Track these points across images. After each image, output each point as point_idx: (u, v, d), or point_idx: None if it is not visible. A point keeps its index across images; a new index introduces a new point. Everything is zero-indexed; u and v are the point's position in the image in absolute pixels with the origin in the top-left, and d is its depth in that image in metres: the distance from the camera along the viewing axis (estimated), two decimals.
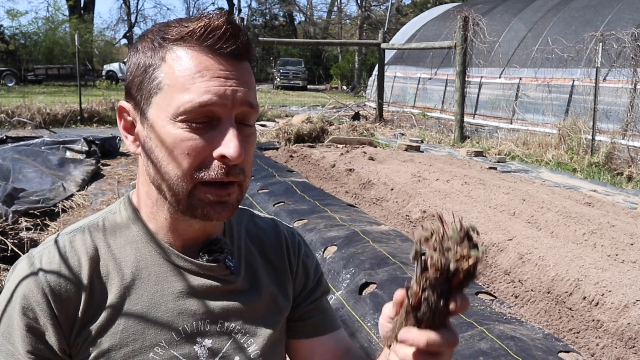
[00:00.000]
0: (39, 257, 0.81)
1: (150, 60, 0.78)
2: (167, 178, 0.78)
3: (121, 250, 0.83)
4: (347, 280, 2.96)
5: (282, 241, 0.98)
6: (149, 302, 0.81)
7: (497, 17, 13.55)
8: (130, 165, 7.69)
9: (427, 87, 14.82)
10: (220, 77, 0.75)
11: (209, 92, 0.74)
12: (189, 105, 0.74)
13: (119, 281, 0.81)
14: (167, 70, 0.76)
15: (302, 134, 9.53)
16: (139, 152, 0.82)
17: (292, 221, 3.98)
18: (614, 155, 8.14)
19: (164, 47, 0.77)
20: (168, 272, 0.84)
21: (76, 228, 0.85)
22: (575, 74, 9.98)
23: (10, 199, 4.77)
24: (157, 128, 0.77)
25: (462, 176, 6.32)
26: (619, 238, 4.09)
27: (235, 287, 0.87)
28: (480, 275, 2.07)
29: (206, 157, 0.76)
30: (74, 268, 0.79)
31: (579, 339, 2.81)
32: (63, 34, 29.73)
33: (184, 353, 0.82)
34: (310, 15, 40.18)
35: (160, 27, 0.80)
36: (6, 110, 11.47)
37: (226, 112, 0.76)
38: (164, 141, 0.76)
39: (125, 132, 0.84)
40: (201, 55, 0.75)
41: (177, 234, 0.84)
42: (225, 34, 0.75)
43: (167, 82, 0.76)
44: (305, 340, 0.97)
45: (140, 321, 0.80)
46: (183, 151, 0.75)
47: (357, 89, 26.69)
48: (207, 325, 0.84)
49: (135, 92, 0.80)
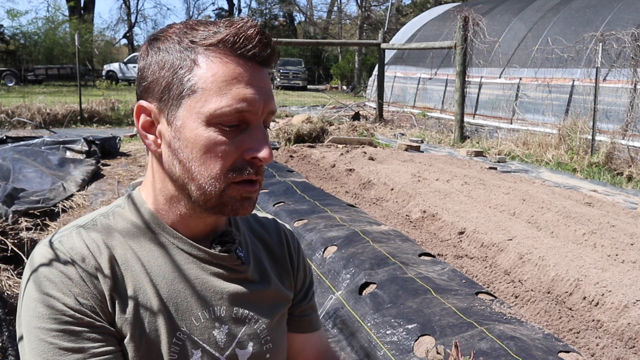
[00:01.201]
0: (58, 242, 0.80)
1: (179, 61, 0.79)
2: (198, 178, 0.80)
3: (134, 240, 0.84)
4: (347, 280, 2.96)
5: (283, 238, 1.03)
6: (167, 290, 0.83)
7: (497, 17, 13.55)
8: (130, 165, 7.69)
9: (427, 87, 14.82)
10: (253, 84, 0.79)
11: (245, 100, 0.78)
12: (227, 109, 0.77)
13: (137, 268, 0.82)
14: (202, 74, 0.78)
15: (302, 134, 9.53)
16: (160, 152, 0.84)
17: (292, 221, 3.98)
18: (614, 155, 8.14)
19: (194, 50, 0.79)
20: (183, 260, 0.86)
21: (87, 220, 0.85)
22: (575, 74, 9.98)
23: (10, 199, 4.77)
24: (188, 129, 0.79)
25: (462, 176, 6.32)
26: (619, 238, 4.09)
27: (246, 277, 0.91)
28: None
29: (237, 159, 0.80)
30: (94, 253, 0.80)
31: (579, 339, 2.81)
32: (63, 34, 29.71)
33: (204, 338, 0.84)
34: (310, 15, 40.16)
35: (186, 29, 0.81)
36: (6, 110, 11.47)
37: (256, 118, 0.80)
38: (196, 143, 0.79)
39: (144, 132, 0.85)
40: (235, 62, 0.78)
41: (187, 228, 0.87)
42: (259, 43, 0.79)
43: (201, 85, 0.78)
44: (301, 335, 1.04)
45: (160, 308, 0.81)
46: (216, 154, 0.79)
47: (357, 89, 26.68)
48: (224, 311, 0.87)
49: (160, 93, 0.81)
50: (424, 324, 2.34)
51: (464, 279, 2.91)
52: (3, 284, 3.15)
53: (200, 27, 0.80)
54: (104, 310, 0.78)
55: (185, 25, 0.81)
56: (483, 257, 3.97)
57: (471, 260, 3.86)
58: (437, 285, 2.74)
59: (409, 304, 2.52)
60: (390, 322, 2.44)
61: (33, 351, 0.74)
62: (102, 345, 0.76)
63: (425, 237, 4.40)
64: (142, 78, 0.83)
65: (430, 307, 2.47)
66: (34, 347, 0.74)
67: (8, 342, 2.61)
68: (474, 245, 4.17)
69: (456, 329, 2.26)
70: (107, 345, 0.77)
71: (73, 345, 0.74)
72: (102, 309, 0.77)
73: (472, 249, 4.14)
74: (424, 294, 2.61)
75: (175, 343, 0.82)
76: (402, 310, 2.48)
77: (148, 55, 0.82)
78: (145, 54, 0.83)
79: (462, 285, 2.81)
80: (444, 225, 4.59)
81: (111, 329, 0.78)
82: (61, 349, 0.74)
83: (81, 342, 0.75)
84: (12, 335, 2.71)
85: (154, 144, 0.84)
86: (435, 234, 4.54)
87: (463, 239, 4.30)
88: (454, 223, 4.51)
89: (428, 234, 4.53)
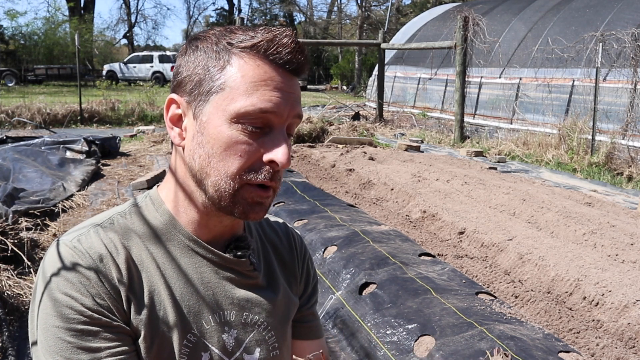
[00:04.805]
0: (77, 241, 0.80)
1: (213, 61, 0.82)
2: (215, 174, 0.81)
3: (150, 240, 0.85)
4: (347, 280, 2.96)
5: (292, 243, 1.04)
6: (181, 291, 0.84)
7: (497, 17, 13.55)
8: (130, 165, 7.69)
9: (427, 87, 14.82)
10: (282, 89, 0.80)
11: (270, 101, 0.79)
12: (251, 108, 0.78)
13: (152, 269, 0.83)
14: (232, 74, 0.80)
15: (302, 134, 9.53)
16: (182, 145, 0.85)
17: (292, 221, 3.98)
18: (614, 155, 8.14)
19: (229, 52, 0.81)
20: (197, 263, 0.87)
21: (105, 219, 0.86)
22: (575, 74, 9.98)
23: (11, 199, 4.76)
24: (212, 125, 0.81)
25: (462, 176, 6.32)
26: (619, 238, 4.09)
27: (256, 283, 0.92)
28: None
29: (256, 160, 0.81)
30: (112, 253, 0.81)
31: (579, 339, 2.81)
32: (63, 34, 29.71)
33: (213, 342, 0.86)
34: (310, 15, 40.16)
35: (225, 32, 0.84)
36: (6, 110, 11.47)
37: (280, 122, 0.81)
38: (218, 139, 0.80)
39: (171, 124, 0.87)
40: (267, 67, 0.80)
41: (206, 229, 0.88)
42: (292, 52, 0.81)
43: (230, 84, 0.80)
44: (298, 341, 1.04)
45: (173, 308, 0.82)
46: (236, 152, 0.80)
47: (357, 89, 26.68)
48: (233, 316, 0.88)
49: (192, 88, 0.83)
50: (424, 324, 2.34)
51: (464, 279, 2.91)
52: (3, 284, 3.15)
53: (239, 31, 0.83)
54: (120, 310, 0.79)
55: (225, 29, 0.85)
56: (483, 257, 3.97)
57: (471, 260, 3.87)
58: (437, 285, 2.73)
59: (409, 304, 2.52)
60: (390, 322, 2.44)
61: (49, 349, 0.75)
62: (119, 345, 0.77)
63: (425, 237, 4.40)
64: (177, 73, 0.86)
65: (430, 307, 2.47)
66: (50, 346, 0.75)
67: (8, 342, 2.61)
68: (474, 245, 4.17)
69: (456, 329, 2.25)
70: (123, 345, 0.78)
71: (90, 345, 0.75)
72: (118, 309, 0.78)
73: (472, 249, 4.14)
74: (424, 294, 2.61)
75: (186, 345, 0.83)
76: (402, 310, 2.48)
77: (186, 54, 0.85)
78: (184, 51, 0.86)
79: (462, 285, 2.80)
80: (444, 225, 4.59)
81: (127, 329, 0.79)
82: (78, 348, 0.75)
83: (98, 342, 0.76)
84: (12, 335, 2.71)
85: (179, 137, 0.86)
86: (435, 234, 4.54)
87: (463, 239, 4.30)
88: (454, 223, 4.51)
89: (428, 234, 4.53)
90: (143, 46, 42.87)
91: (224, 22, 42.47)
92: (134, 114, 12.95)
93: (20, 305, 3.03)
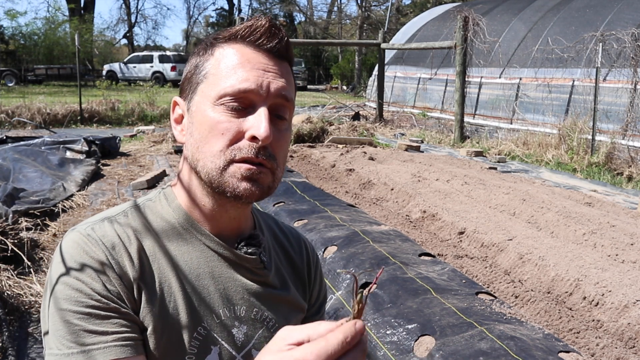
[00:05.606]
0: (91, 229, 0.82)
1: (201, 58, 0.88)
2: (203, 157, 0.84)
3: (163, 233, 0.87)
4: (347, 280, 2.96)
5: (304, 250, 1.06)
6: (192, 285, 0.85)
7: (497, 17, 13.55)
8: (130, 165, 7.69)
9: (427, 87, 14.82)
10: (260, 69, 0.84)
11: (248, 80, 0.82)
12: (230, 89, 0.82)
13: (164, 262, 0.84)
14: (214, 63, 0.85)
15: (302, 134, 9.53)
16: (183, 141, 0.89)
17: (292, 221, 3.98)
18: (614, 155, 8.14)
19: (214, 46, 0.87)
20: (209, 257, 0.88)
21: (119, 212, 0.88)
22: (575, 74, 9.98)
23: (11, 199, 4.76)
24: (199, 112, 0.85)
25: (462, 176, 6.32)
26: (619, 238, 4.09)
27: (267, 281, 0.93)
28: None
29: (239, 137, 0.83)
30: (124, 242, 0.82)
31: (579, 339, 2.81)
32: (63, 34, 29.70)
33: (223, 336, 0.86)
34: (310, 15, 40.16)
35: (217, 32, 0.90)
36: (6, 110, 11.47)
37: (261, 100, 0.83)
38: (203, 123, 0.84)
39: (175, 124, 0.92)
40: (245, 49, 0.85)
41: (214, 222, 0.90)
42: (267, 32, 0.85)
43: (212, 71, 0.85)
44: None
45: (183, 301, 0.83)
46: (219, 132, 0.82)
47: (357, 89, 26.68)
48: (243, 311, 0.89)
49: (186, 86, 0.89)
50: (424, 324, 2.34)
51: (464, 279, 2.91)
52: (3, 284, 3.15)
53: (227, 28, 0.89)
54: (130, 299, 0.80)
55: (222, 30, 0.90)
56: (483, 257, 3.97)
57: (471, 260, 3.87)
58: (437, 285, 2.73)
59: (409, 304, 2.52)
60: (390, 322, 2.44)
61: (56, 333, 0.76)
62: (126, 331, 0.78)
63: (425, 237, 4.40)
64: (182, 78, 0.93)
65: (430, 307, 2.47)
66: (57, 329, 0.76)
67: (8, 342, 2.61)
68: (474, 245, 4.17)
69: (456, 329, 2.25)
70: (131, 332, 0.78)
71: (97, 329, 0.76)
72: (128, 296, 0.79)
73: (472, 249, 4.14)
74: (424, 294, 2.61)
75: (196, 338, 0.84)
76: (402, 310, 2.48)
77: (189, 60, 0.92)
78: (189, 57, 0.92)
79: (462, 285, 2.81)
80: (444, 225, 4.59)
81: (135, 317, 0.80)
82: (84, 331, 0.75)
83: (105, 326, 0.76)
84: (12, 335, 2.71)
85: (180, 134, 0.90)
86: (435, 234, 4.54)
87: (463, 239, 4.30)
88: (454, 223, 4.51)
89: (428, 234, 4.53)
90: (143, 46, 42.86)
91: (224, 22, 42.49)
92: (134, 114, 12.96)
93: (20, 305, 3.03)
